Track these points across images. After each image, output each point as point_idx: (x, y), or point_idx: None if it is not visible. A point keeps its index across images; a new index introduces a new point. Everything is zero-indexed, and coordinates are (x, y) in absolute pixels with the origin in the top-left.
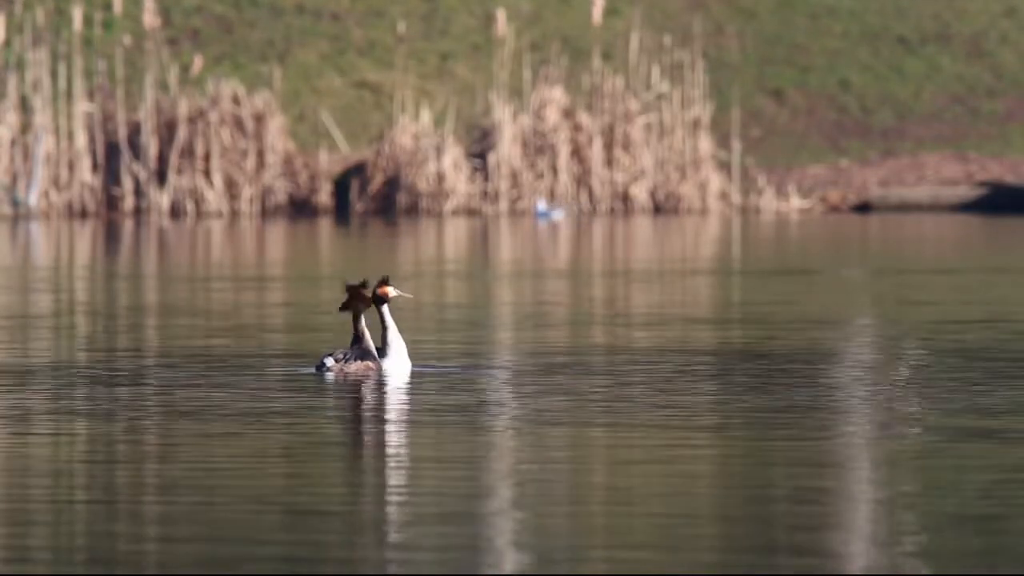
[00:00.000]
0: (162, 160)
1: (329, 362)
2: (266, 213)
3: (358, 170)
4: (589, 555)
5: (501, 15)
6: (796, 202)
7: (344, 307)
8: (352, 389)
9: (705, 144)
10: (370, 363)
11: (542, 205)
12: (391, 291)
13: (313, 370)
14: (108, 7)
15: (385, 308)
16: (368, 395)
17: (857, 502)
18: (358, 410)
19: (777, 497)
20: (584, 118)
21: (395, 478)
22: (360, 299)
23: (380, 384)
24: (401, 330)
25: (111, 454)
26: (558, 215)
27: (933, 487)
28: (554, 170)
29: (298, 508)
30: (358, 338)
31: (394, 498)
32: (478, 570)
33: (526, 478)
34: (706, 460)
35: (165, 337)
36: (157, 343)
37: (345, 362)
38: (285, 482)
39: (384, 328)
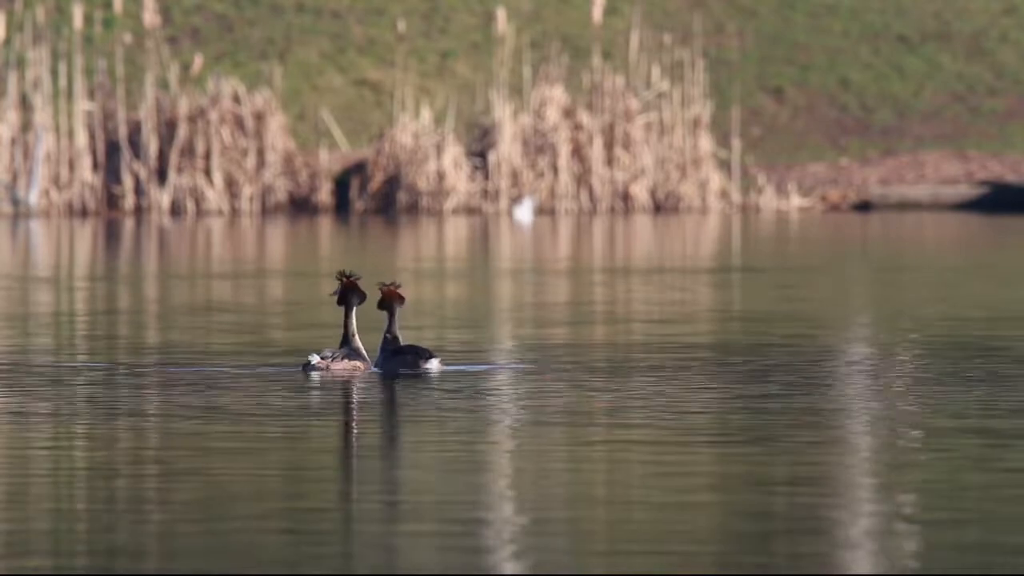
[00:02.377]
0: (162, 159)
1: (315, 360)
2: (266, 211)
3: (358, 168)
4: (589, 555)
5: (501, 13)
6: (796, 200)
7: (341, 299)
8: (339, 388)
9: (705, 143)
10: (357, 363)
11: (527, 203)
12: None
13: (300, 369)
14: (108, 5)
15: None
16: (356, 394)
17: (857, 502)
18: (346, 409)
19: (776, 497)
20: (584, 117)
21: (392, 478)
22: (355, 291)
23: (369, 383)
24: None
25: (110, 454)
26: (524, 214)
27: (932, 487)
28: (554, 169)
29: (297, 508)
30: (347, 337)
31: (392, 497)
32: (478, 570)
33: (525, 478)
34: (705, 460)
35: (163, 336)
36: (155, 342)
37: (332, 361)
38: (283, 482)
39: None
